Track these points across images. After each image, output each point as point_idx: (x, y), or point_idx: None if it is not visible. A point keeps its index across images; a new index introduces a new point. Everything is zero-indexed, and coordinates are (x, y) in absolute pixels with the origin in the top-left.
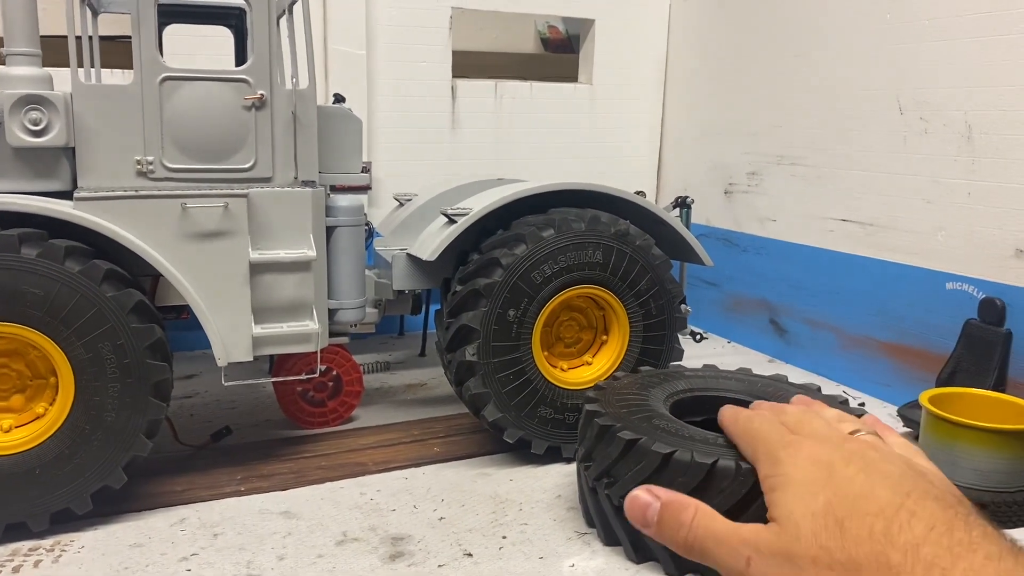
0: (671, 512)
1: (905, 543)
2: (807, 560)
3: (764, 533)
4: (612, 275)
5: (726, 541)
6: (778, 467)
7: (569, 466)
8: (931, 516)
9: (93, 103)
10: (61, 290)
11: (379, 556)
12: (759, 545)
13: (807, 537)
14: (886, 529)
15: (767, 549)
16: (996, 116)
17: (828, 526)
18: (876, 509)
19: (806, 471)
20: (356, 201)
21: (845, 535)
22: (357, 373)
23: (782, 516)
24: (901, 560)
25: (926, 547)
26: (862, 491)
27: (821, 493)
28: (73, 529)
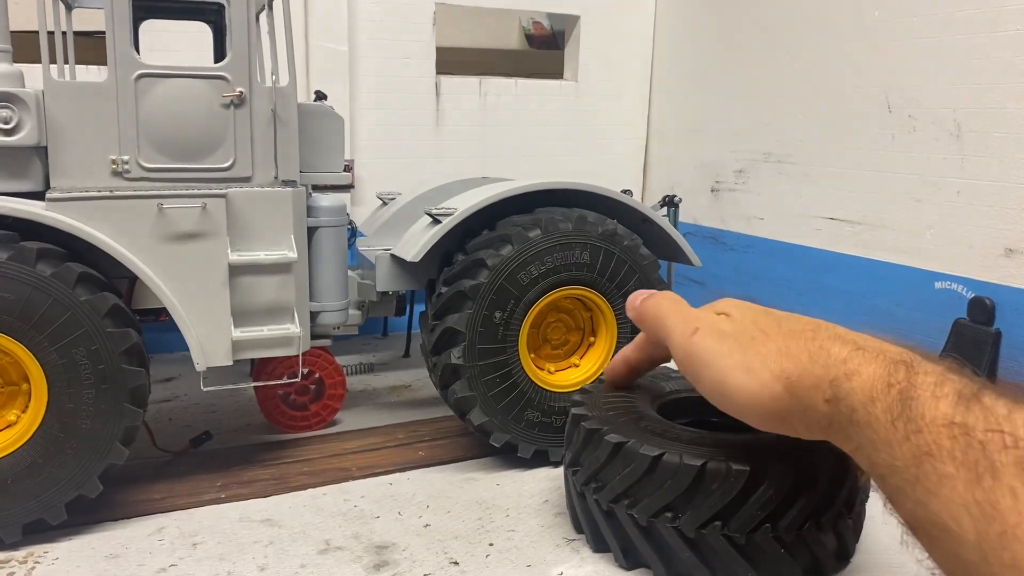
0: (650, 298)
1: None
2: (746, 338)
3: (713, 316)
4: (600, 276)
5: (682, 313)
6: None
7: (556, 470)
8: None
9: (66, 101)
10: (33, 294)
11: (363, 565)
12: (709, 323)
13: (750, 323)
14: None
15: (714, 327)
16: (986, 114)
17: (769, 322)
18: (807, 323)
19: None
20: (338, 201)
21: (781, 328)
22: (340, 376)
23: (730, 311)
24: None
25: (847, 335)
26: (793, 315)
27: (759, 308)
28: (47, 540)
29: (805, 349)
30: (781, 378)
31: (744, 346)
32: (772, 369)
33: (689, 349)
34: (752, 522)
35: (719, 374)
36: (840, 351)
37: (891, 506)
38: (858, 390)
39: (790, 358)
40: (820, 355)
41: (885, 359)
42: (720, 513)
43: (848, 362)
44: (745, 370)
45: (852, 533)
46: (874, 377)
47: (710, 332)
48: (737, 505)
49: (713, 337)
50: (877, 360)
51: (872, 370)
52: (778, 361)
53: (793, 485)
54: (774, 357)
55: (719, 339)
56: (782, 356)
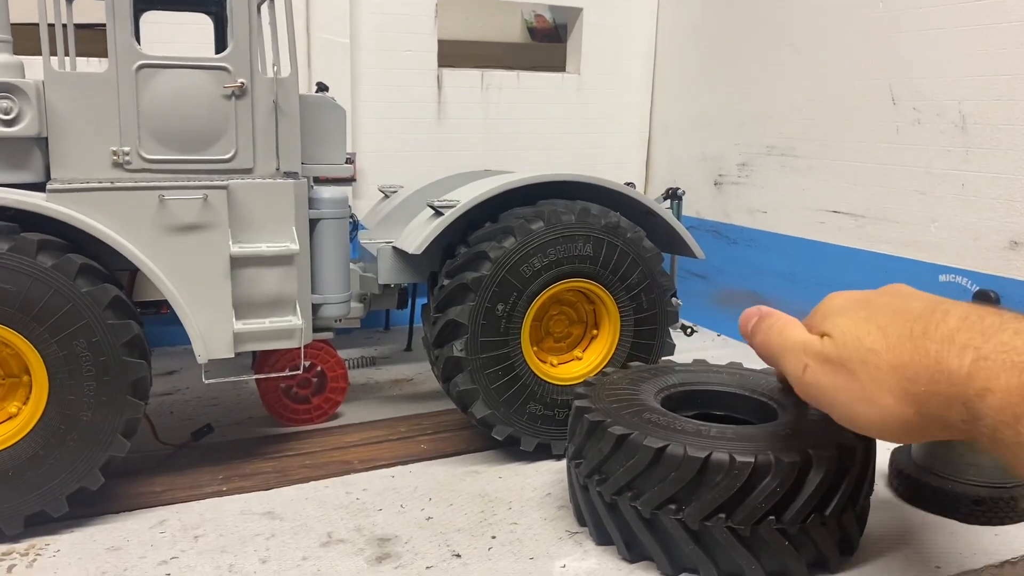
0: (766, 321)
1: (941, 335)
2: (857, 363)
3: (818, 343)
4: (603, 268)
5: (792, 348)
6: (819, 309)
7: (559, 463)
8: (963, 312)
9: (66, 91)
10: (34, 285)
11: (365, 558)
12: (815, 353)
13: (854, 342)
14: (924, 329)
15: (821, 356)
16: (991, 105)
17: (872, 332)
18: (913, 316)
19: (846, 302)
20: (340, 193)
21: (887, 337)
22: (342, 369)
23: (831, 328)
24: (939, 348)
25: (960, 334)
26: (898, 307)
27: (862, 311)
28: (48, 532)
29: (922, 367)
30: (908, 401)
31: (856, 374)
32: (895, 393)
33: (805, 390)
34: (756, 514)
35: (844, 410)
36: (960, 363)
37: None
38: (996, 411)
39: (909, 380)
40: (941, 374)
41: (1014, 367)
42: (724, 505)
43: (974, 379)
44: (867, 402)
45: (856, 526)
46: (1010, 391)
47: (820, 366)
48: (741, 497)
49: (824, 372)
50: (1005, 369)
51: (1004, 384)
52: (898, 384)
53: (797, 477)
54: (891, 380)
55: (832, 373)
56: (900, 378)
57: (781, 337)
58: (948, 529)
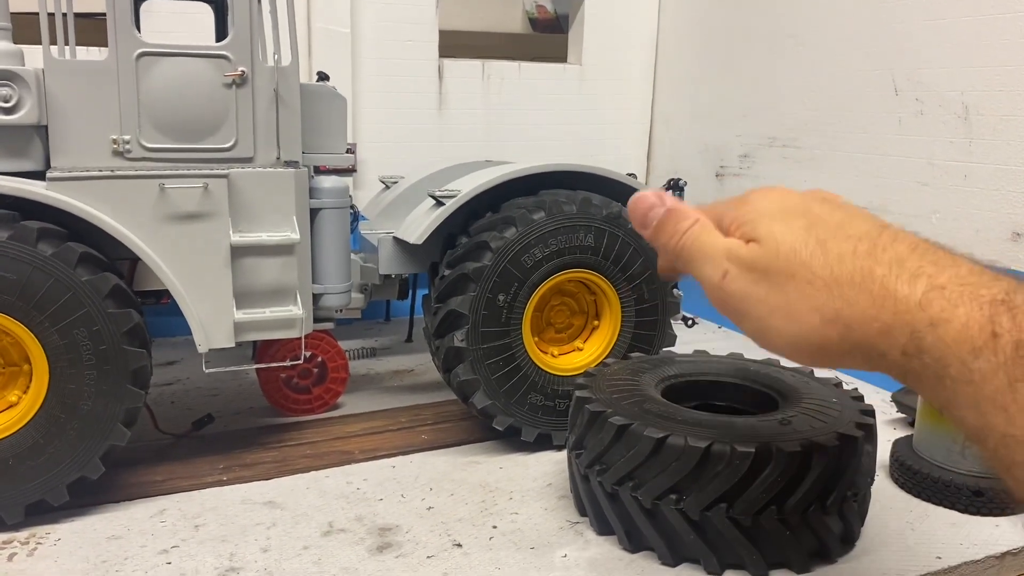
0: (672, 217)
1: (889, 259)
2: (785, 276)
3: (744, 249)
4: (604, 259)
5: (711, 253)
6: (748, 204)
7: (560, 454)
8: (912, 239)
9: (66, 79)
10: (34, 274)
11: (366, 547)
12: (739, 260)
13: (787, 253)
14: (870, 249)
15: (746, 264)
16: (993, 96)
17: (809, 244)
18: (859, 233)
19: (781, 203)
20: (340, 182)
21: (827, 253)
22: (343, 359)
23: (761, 235)
24: (886, 272)
25: (911, 260)
26: (842, 220)
27: (801, 218)
28: (49, 521)
29: (864, 289)
30: (836, 324)
31: (783, 286)
32: (823, 311)
33: (721, 297)
34: (757, 504)
35: (757, 323)
36: (911, 291)
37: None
38: (951, 342)
39: (844, 300)
40: (886, 299)
41: (974, 299)
42: (725, 495)
43: (927, 307)
44: (788, 317)
45: (857, 516)
46: (969, 323)
47: (742, 272)
48: (742, 487)
49: (747, 280)
50: (965, 301)
51: (963, 314)
52: (829, 303)
53: (798, 467)
54: (822, 298)
55: (755, 282)
56: (834, 297)
57: (699, 242)
58: (949, 520)
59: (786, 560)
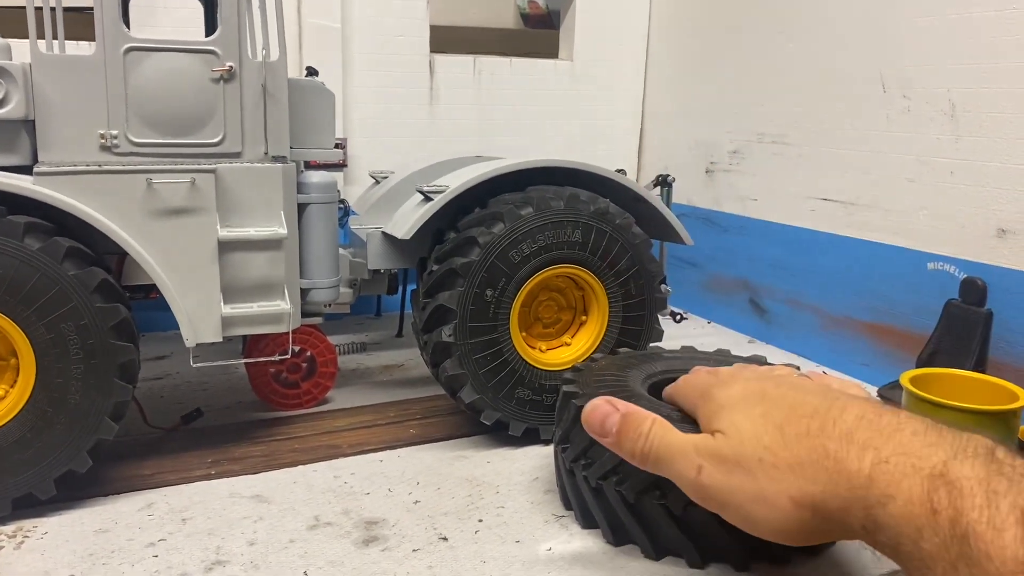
0: (630, 423)
1: (839, 434)
2: (753, 461)
3: (711, 442)
4: (591, 254)
5: (680, 451)
6: (713, 401)
7: (547, 448)
8: (860, 408)
9: (53, 74)
10: (21, 268)
11: (352, 541)
12: (709, 453)
13: (750, 441)
14: (821, 426)
15: (716, 456)
16: (979, 94)
17: (768, 430)
18: (810, 411)
19: (741, 395)
20: (328, 177)
21: (785, 436)
22: (332, 354)
23: (725, 426)
24: (837, 447)
25: (859, 432)
26: (794, 401)
27: (758, 406)
28: (36, 515)
29: (821, 467)
30: (805, 504)
31: (753, 473)
32: (792, 495)
33: (701, 492)
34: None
35: (740, 511)
36: (860, 466)
37: None
38: (898, 520)
39: (807, 479)
40: (840, 474)
41: (915, 473)
42: None
43: (875, 484)
44: (765, 503)
45: None
46: (911, 501)
47: (715, 465)
48: None
49: (720, 471)
50: (907, 476)
51: (907, 491)
52: (795, 484)
53: None
54: (789, 479)
55: (728, 472)
56: (798, 477)
57: (664, 441)
58: None
59: (767, 553)
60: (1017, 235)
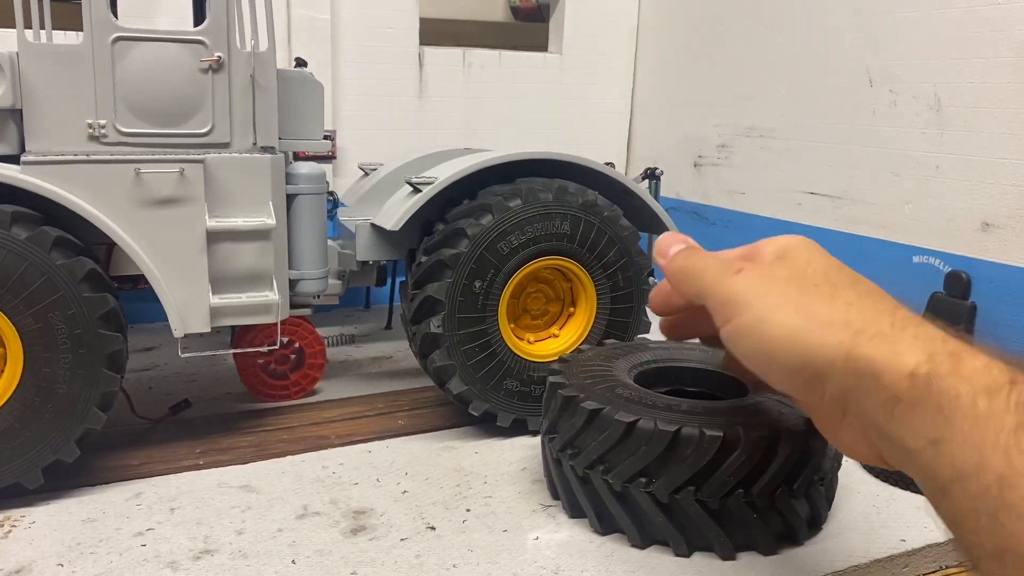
0: (688, 253)
1: (908, 316)
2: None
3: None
4: (580, 246)
5: (722, 261)
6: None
7: (534, 439)
8: None
9: (40, 63)
10: (8, 258)
11: (340, 530)
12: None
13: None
14: (893, 307)
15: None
16: (964, 89)
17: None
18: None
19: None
20: (317, 168)
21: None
22: (320, 346)
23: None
24: (907, 316)
25: (931, 326)
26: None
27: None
28: (24, 504)
29: (887, 315)
30: (844, 328)
31: (803, 290)
32: (833, 316)
33: (728, 293)
34: (725, 488)
35: (760, 313)
36: (935, 332)
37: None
38: (970, 374)
39: (862, 315)
40: (907, 326)
41: (995, 355)
42: (693, 479)
43: (949, 343)
44: (796, 308)
45: (824, 500)
46: (991, 366)
47: (760, 273)
48: (710, 471)
49: (762, 276)
50: (986, 354)
51: (984, 359)
52: (844, 311)
53: (765, 451)
54: (840, 307)
55: (769, 280)
56: (851, 309)
57: (712, 257)
58: (914, 503)
59: (753, 542)
60: (1001, 229)
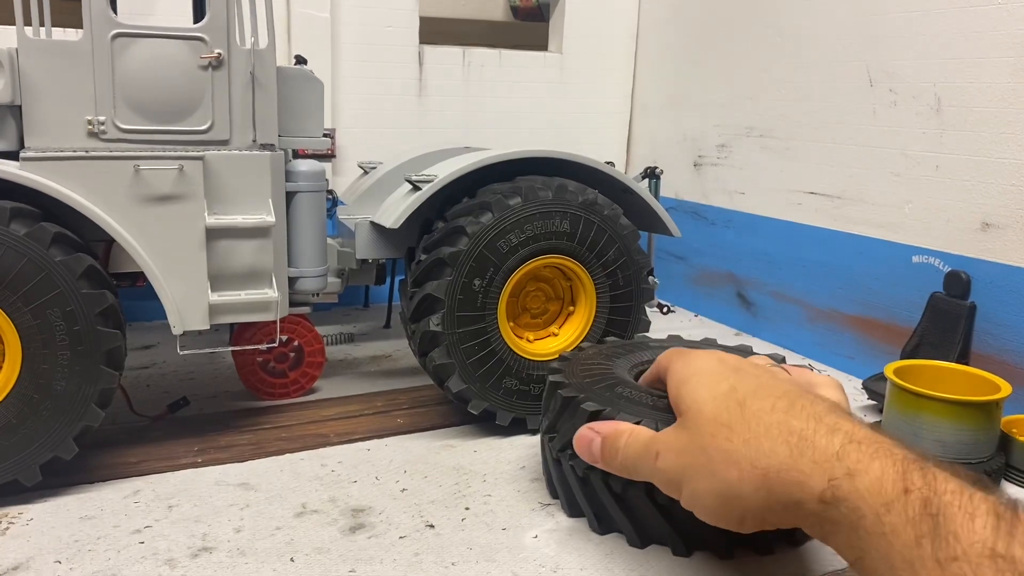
0: (609, 443)
1: (808, 415)
2: (707, 438)
3: (670, 430)
4: (579, 245)
5: (644, 447)
6: (689, 365)
7: (533, 437)
8: (829, 403)
9: (40, 59)
10: (6, 254)
11: (339, 528)
12: (666, 439)
13: (708, 419)
14: (788, 405)
15: (672, 440)
16: (964, 89)
17: (730, 407)
18: (780, 392)
19: (713, 366)
20: (317, 166)
21: (745, 411)
22: (319, 344)
23: (687, 405)
24: (804, 426)
25: (828, 417)
26: (766, 382)
27: (726, 380)
28: (21, 501)
29: (782, 441)
30: (755, 477)
31: (705, 449)
32: (739, 464)
33: (660, 477)
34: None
35: (688, 489)
36: (829, 443)
37: None
38: (865, 493)
39: (761, 452)
40: (804, 448)
41: (891, 455)
42: None
43: (844, 458)
44: (708, 473)
45: None
46: (883, 477)
47: (670, 450)
48: None
49: (673, 452)
50: (881, 456)
51: (879, 468)
52: (746, 455)
53: None
54: (740, 451)
55: (678, 452)
56: (751, 449)
57: (634, 448)
58: None
59: (751, 542)
60: (1001, 229)
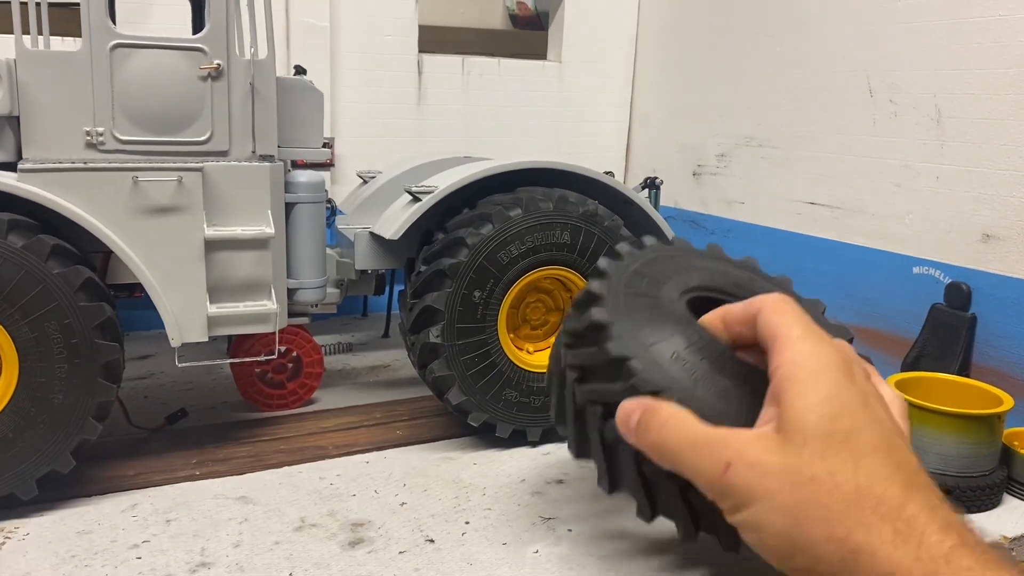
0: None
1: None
2: (805, 477)
3: (758, 436)
4: (580, 256)
5: (703, 444)
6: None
7: (533, 450)
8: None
9: (38, 70)
10: (4, 266)
11: (338, 542)
12: (751, 451)
13: (815, 451)
14: (907, 482)
15: (760, 455)
16: (965, 100)
17: (843, 455)
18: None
19: (838, 379)
20: (316, 177)
21: (859, 470)
22: (318, 354)
23: (796, 414)
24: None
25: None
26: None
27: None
28: (18, 515)
29: (889, 520)
30: (842, 544)
31: (799, 486)
32: (832, 528)
33: (724, 491)
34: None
35: (755, 516)
36: (942, 540)
37: None
38: None
39: (863, 525)
40: (910, 538)
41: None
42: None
43: (953, 561)
44: (793, 517)
45: None
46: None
47: (753, 470)
48: None
49: (754, 473)
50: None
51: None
52: (844, 520)
53: None
54: (839, 511)
55: (761, 475)
56: (851, 516)
57: (680, 433)
58: None
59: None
60: (1002, 240)
